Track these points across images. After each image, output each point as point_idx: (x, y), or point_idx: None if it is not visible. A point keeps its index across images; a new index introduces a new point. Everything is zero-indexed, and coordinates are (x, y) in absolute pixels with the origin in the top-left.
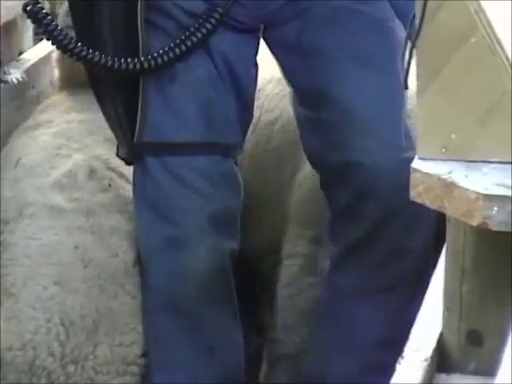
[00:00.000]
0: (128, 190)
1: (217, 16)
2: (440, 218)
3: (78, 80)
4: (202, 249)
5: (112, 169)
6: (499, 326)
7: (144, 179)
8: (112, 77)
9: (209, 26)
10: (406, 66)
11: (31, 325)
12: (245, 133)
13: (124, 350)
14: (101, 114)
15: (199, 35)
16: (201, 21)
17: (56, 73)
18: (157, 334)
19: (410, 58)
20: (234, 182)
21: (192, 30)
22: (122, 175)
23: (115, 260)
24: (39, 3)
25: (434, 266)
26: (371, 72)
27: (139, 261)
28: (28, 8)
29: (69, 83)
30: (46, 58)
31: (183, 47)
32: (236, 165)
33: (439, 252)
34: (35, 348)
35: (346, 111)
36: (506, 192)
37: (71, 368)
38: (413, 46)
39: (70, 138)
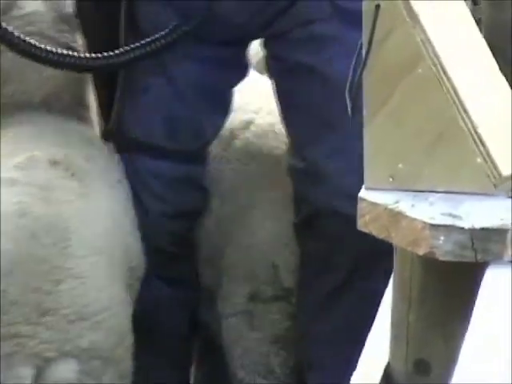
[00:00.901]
0: (94, 186)
1: (180, 32)
2: None
3: None
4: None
5: (74, 164)
6: (446, 354)
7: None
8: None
9: (170, 39)
10: (353, 95)
11: None
12: (212, 139)
13: (37, 296)
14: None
15: (157, 45)
16: (163, 33)
17: None
18: None
19: (358, 87)
20: (194, 187)
21: (153, 38)
22: (85, 171)
23: (56, 218)
24: (2, 27)
25: None
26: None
27: None
28: None
29: None
30: None
31: (139, 52)
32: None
33: None
34: None
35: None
36: (452, 221)
37: None
38: (360, 75)
39: (18, 143)
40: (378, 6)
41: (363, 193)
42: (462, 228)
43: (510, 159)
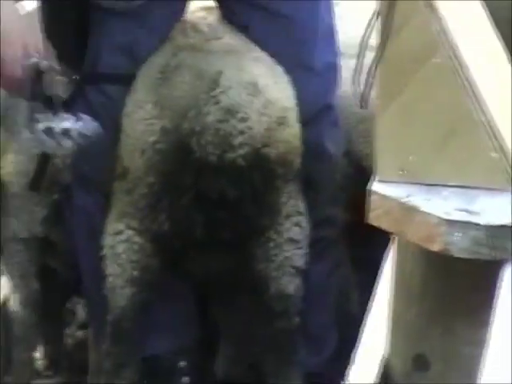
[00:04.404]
0: None
1: None
2: None
3: None
4: None
5: None
6: (446, 350)
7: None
8: None
9: None
10: (365, 86)
11: None
12: None
13: None
14: None
15: None
16: None
17: None
18: None
19: (371, 77)
20: None
21: None
22: None
23: None
24: None
25: None
26: None
27: None
28: None
29: None
30: None
31: None
32: None
33: None
34: None
35: None
36: (469, 217)
37: None
38: (373, 66)
39: None
40: None
41: (375, 185)
42: (478, 224)
43: None
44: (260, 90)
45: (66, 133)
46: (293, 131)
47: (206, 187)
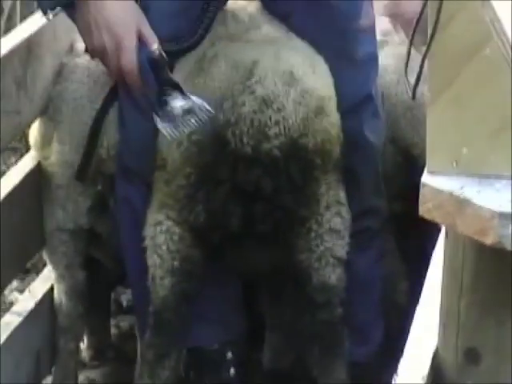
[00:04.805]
0: None
1: None
2: None
3: None
4: None
5: None
6: (498, 343)
7: None
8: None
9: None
10: (416, 77)
11: None
12: None
13: None
14: None
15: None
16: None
17: None
18: None
19: (421, 68)
20: None
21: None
22: None
23: None
24: None
25: None
26: None
27: None
28: None
29: None
30: None
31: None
32: None
33: None
34: None
35: None
36: None
37: None
38: (424, 57)
39: None
40: None
41: (426, 178)
42: None
43: None
44: (297, 79)
45: (190, 111)
46: (331, 120)
47: (241, 178)
